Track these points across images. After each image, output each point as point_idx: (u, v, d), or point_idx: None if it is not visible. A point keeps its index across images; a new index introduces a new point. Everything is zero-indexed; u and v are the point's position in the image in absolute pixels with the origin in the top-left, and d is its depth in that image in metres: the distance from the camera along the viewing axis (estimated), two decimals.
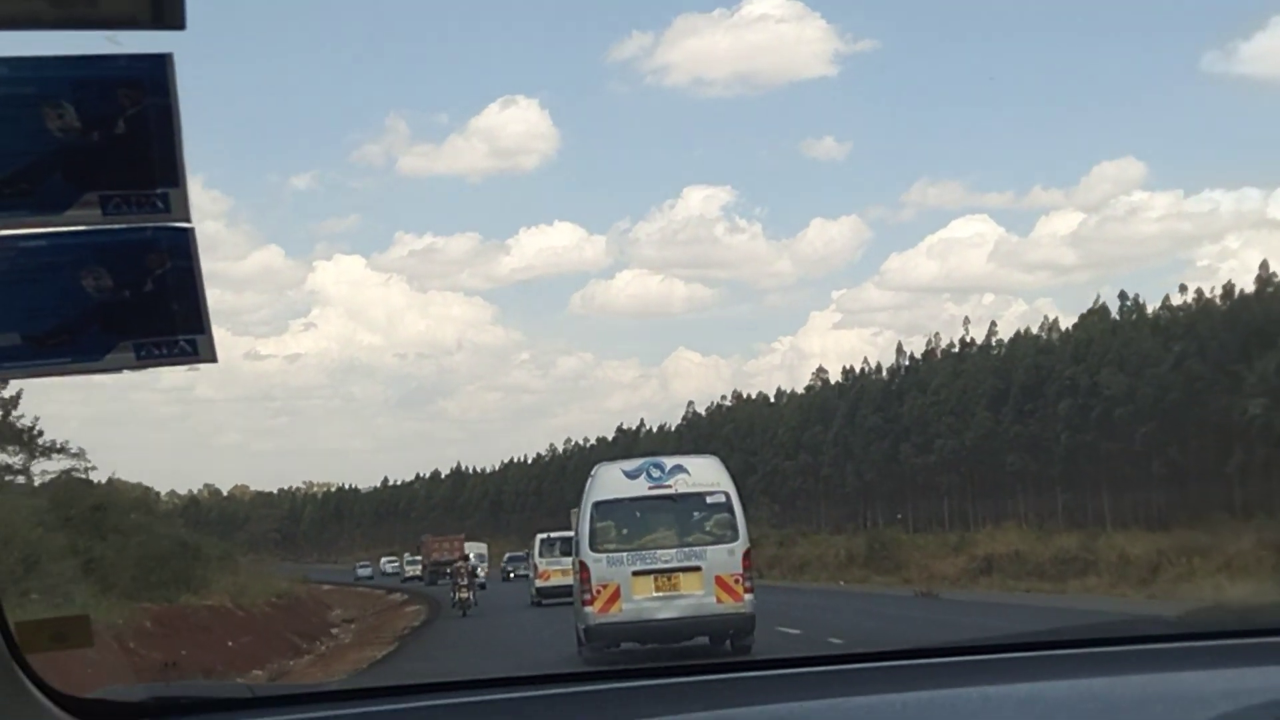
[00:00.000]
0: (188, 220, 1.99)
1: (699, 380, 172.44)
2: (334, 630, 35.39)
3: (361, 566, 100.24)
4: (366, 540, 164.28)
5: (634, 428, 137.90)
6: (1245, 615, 2.88)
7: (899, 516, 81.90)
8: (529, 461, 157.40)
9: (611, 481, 18.08)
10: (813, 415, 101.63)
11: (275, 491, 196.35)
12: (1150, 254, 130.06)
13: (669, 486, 17.81)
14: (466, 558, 41.91)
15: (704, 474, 18.29)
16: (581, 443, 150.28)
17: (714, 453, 22.08)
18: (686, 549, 17.53)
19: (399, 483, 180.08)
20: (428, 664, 20.74)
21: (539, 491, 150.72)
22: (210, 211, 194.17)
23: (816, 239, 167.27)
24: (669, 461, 18.43)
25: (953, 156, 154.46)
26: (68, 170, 1.91)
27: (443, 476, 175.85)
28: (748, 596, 17.40)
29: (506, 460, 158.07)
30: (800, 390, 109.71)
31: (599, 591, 17.28)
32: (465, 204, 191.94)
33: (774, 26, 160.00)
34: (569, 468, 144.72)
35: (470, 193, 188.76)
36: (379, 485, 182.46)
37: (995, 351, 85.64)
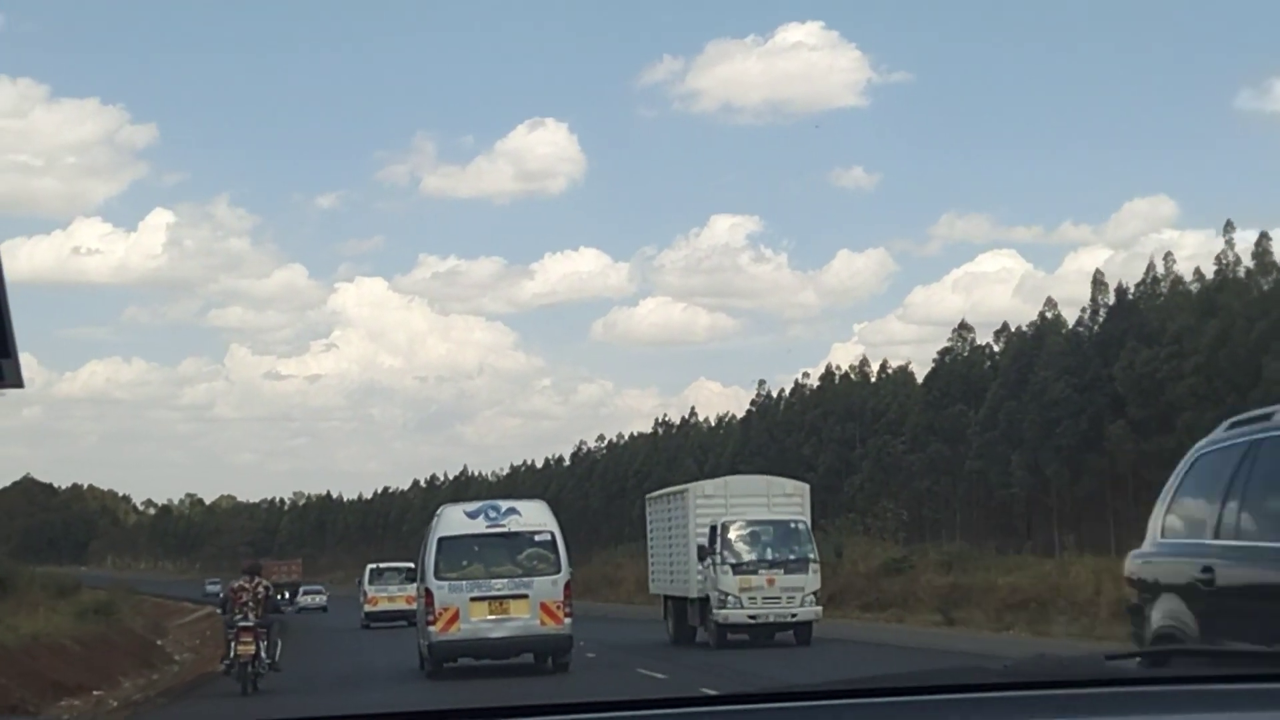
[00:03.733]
0: None
1: (720, 410, 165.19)
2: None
3: (211, 583, 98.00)
4: (351, 556, 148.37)
5: (686, 418, 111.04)
6: (1066, 665, 2.94)
7: None
8: (538, 466, 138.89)
9: (455, 520, 21.36)
10: (953, 387, 73.56)
11: (258, 502, 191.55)
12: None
13: (503, 526, 21.03)
14: (259, 582, 23.13)
15: (533, 516, 21.47)
16: (616, 439, 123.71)
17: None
18: (516, 579, 20.69)
19: (395, 490, 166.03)
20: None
21: (556, 499, 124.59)
22: (235, 229, 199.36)
23: (842, 270, 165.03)
24: (504, 504, 21.77)
25: (981, 190, 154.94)
26: None
27: (443, 484, 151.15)
28: (567, 620, 20.69)
29: (517, 464, 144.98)
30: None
31: (441, 613, 20.39)
32: (490, 227, 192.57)
33: (807, 55, 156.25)
34: (595, 471, 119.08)
35: (495, 215, 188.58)
36: (369, 496, 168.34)
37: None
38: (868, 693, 2.42)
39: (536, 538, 21.01)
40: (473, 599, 20.41)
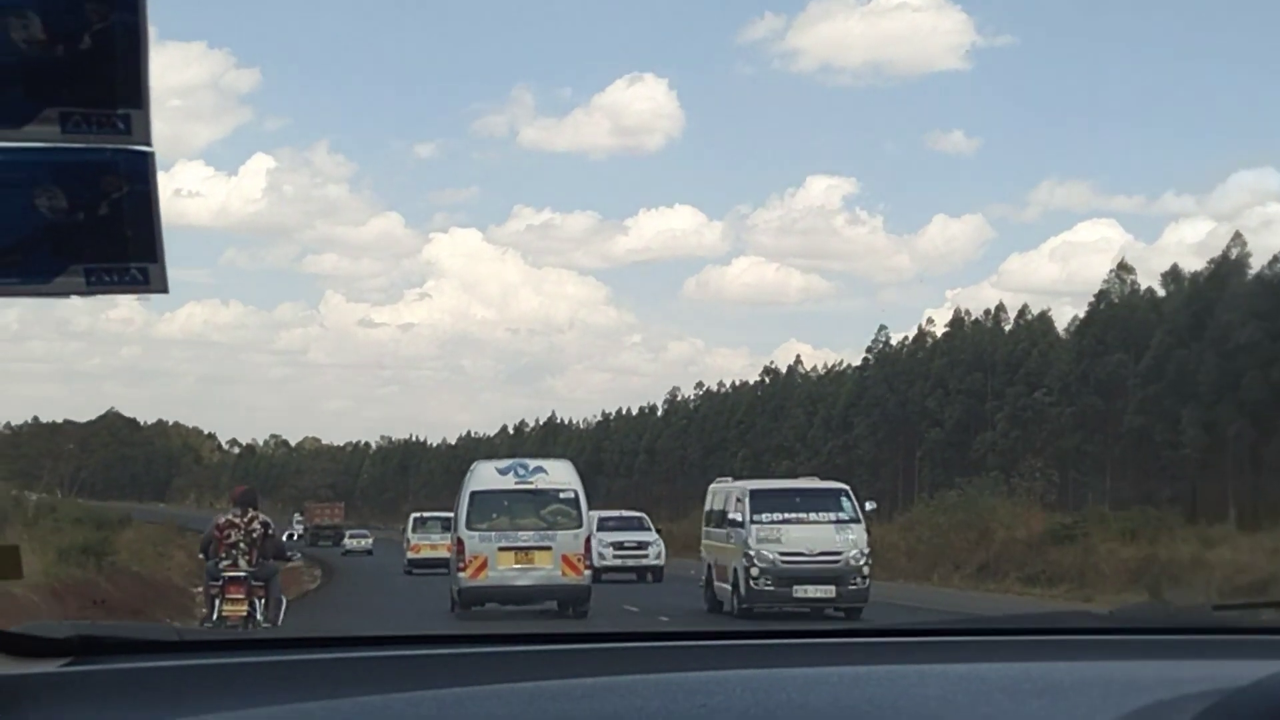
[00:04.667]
0: (148, 144, 1.90)
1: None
2: None
3: None
4: (432, 500, 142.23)
5: (793, 365, 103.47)
6: (1173, 614, 3.00)
7: None
8: (634, 414, 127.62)
9: (486, 476, 22.86)
10: (1110, 335, 64.98)
11: (343, 445, 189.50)
12: None
13: (531, 483, 22.49)
14: (255, 518, 19.17)
15: (559, 474, 22.99)
16: (716, 387, 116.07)
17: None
18: (541, 532, 22.10)
19: (481, 435, 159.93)
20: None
21: (650, 450, 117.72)
22: (334, 175, 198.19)
23: (937, 235, 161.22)
24: (532, 463, 23.25)
25: (1083, 157, 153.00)
26: (28, 84, 1.83)
27: (531, 430, 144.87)
28: (586, 572, 22.35)
29: (610, 412, 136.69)
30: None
31: (470, 560, 22.01)
32: (585, 181, 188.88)
33: (910, 15, 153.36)
34: (692, 422, 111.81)
35: (591, 170, 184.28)
36: (454, 441, 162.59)
37: None
38: (977, 631, 2.46)
39: (561, 495, 22.50)
40: (500, 549, 21.94)
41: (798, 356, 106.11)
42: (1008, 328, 79.33)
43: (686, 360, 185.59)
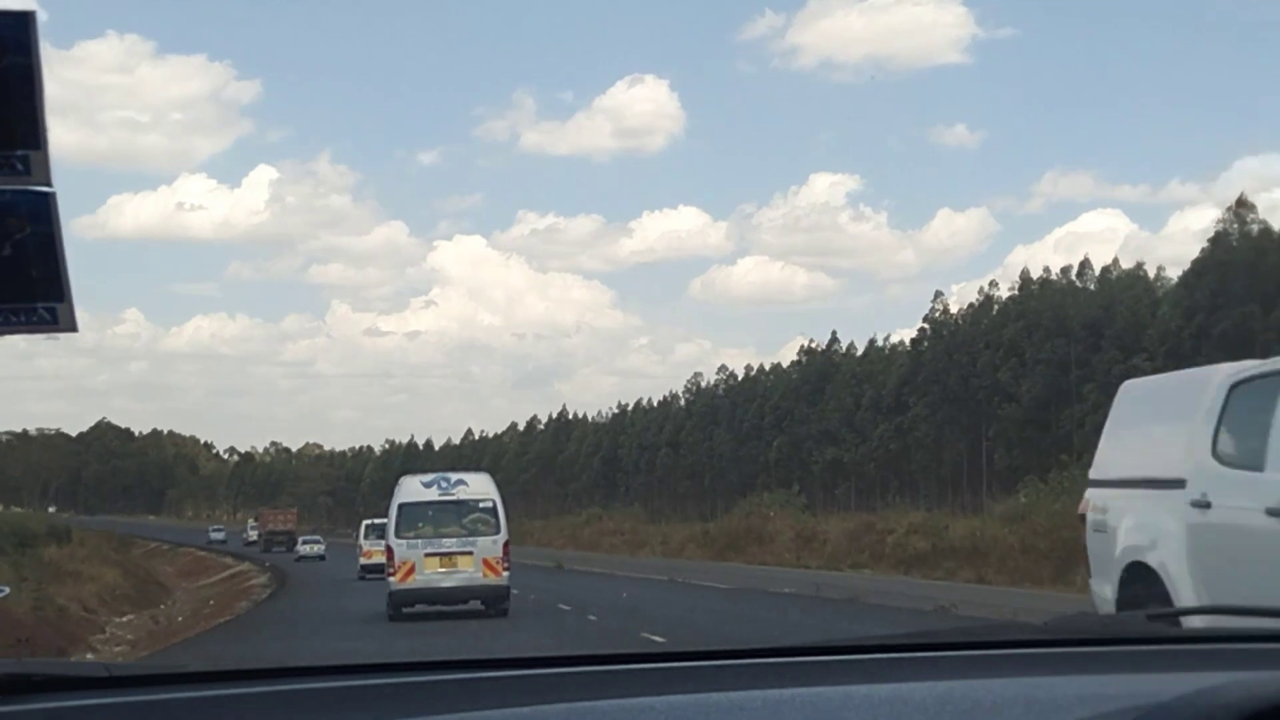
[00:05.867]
0: (49, 184, 1.92)
1: None
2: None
3: (215, 530, 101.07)
4: None
5: (829, 343, 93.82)
6: (1107, 623, 2.87)
7: None
8: (653, 404, 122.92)
9: (413, 489, 24.74)
10: (1234, 284, 54.86)
11: (346, 451, 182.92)
12: None
13: (453, 495, 24.48)
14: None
15: (478, 486, 25.02)
16: (746, 370, 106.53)
17: None
18: (462, 538, 24.12)
19: (488, 434, 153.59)
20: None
21: (674, 443, 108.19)
22: (338, 185, 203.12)
23: (942, 229, 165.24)
24: (454, 476, 25.20)
25: (1086, 147, 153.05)
26: None
27: (545, 426, 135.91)
28: (505, 573, 24.16)
29: (627, 404, 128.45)
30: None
31: (400, 566, 24.01)
32: (589, 184, 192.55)
33: (911, 10, 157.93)
34: (720, 411, 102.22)
35: (594, 172, 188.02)
36: (458, 441, 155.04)
37: None
38: (902, 648, 2.44)
39: (480, 505, 24.48)
40: (426, 554, 23.94)
41: (833, 332, 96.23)
42: (1090, 286, 69.46)
43: (694, 361, 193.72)
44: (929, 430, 75.69)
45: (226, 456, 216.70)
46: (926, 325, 77.94)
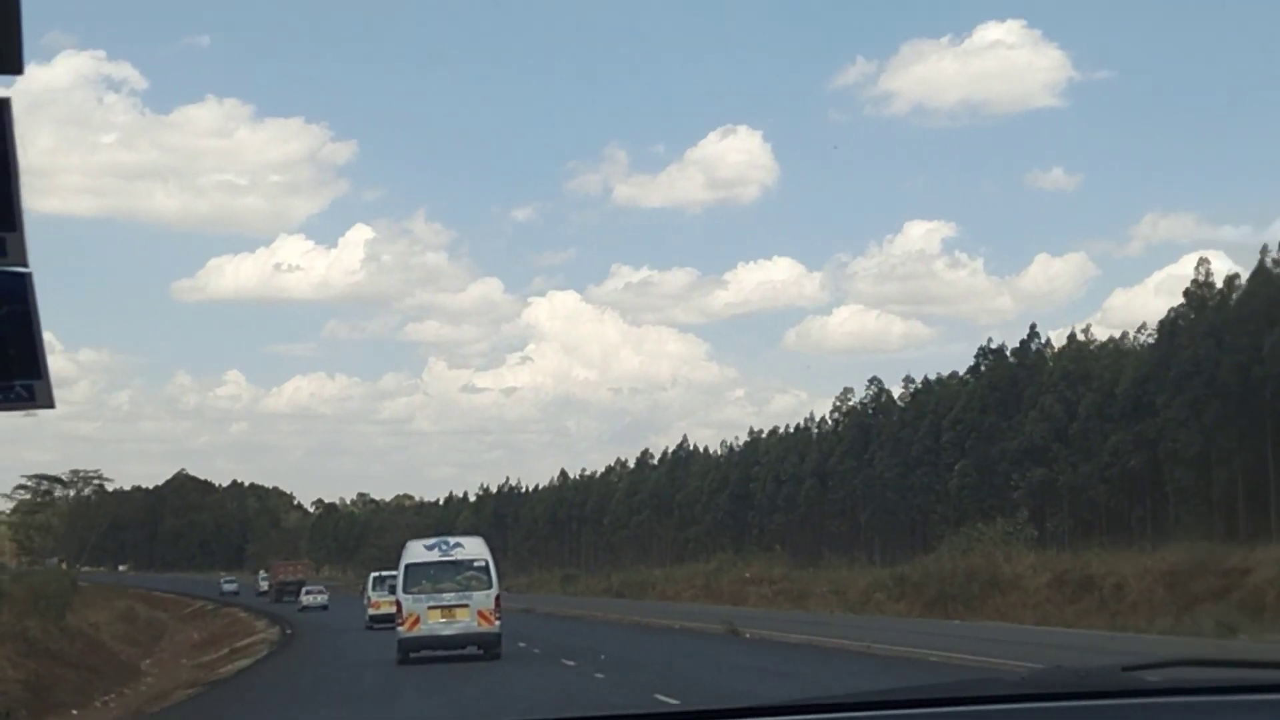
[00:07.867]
0: (24, 265, 1.93)
1: None
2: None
3: (227, 582, 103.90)
4: (537, 556, 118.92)
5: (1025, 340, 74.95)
6: (1084, 676, 2.96)
7: None
8: (791, 430, 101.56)
9: (417, 552, 29.70)
10: None
11: (439, 501, 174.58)
12: None
13: (451, 555, 29.46)
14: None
15: (472, 548, 29.98)
16: (906, 382, 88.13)
17: None
18: (460, 593, 28.96)
19: (587, 474, 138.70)
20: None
21: (821, 473, 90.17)
22: (432, 243, 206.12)
23: (1039, 274, 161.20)
24: (452, 540, 30.56)
25: (1187, 188, 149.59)
26: None
27: (655, 461, 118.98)
28: (497, 622, 29.10)
29: (760, 430, 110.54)
30: None
31: (407, 617, 28.92)
32: (682, 236, 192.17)
33: (1005, 54, 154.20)
34: (870, 436, 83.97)
35: (687, 224, 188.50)
36: (555, 482, 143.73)
37: None
38: (882, 705, 2.42)
39: (475, 564, 29.30)
40: (429, 607, 28.74)
41: (1032, 325, 77.37)
42: None
43: (790, 412, 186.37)
44: (1193, 437, 56.89)
45: (312, 510, 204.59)
46: (1185, 301, 59.03)
